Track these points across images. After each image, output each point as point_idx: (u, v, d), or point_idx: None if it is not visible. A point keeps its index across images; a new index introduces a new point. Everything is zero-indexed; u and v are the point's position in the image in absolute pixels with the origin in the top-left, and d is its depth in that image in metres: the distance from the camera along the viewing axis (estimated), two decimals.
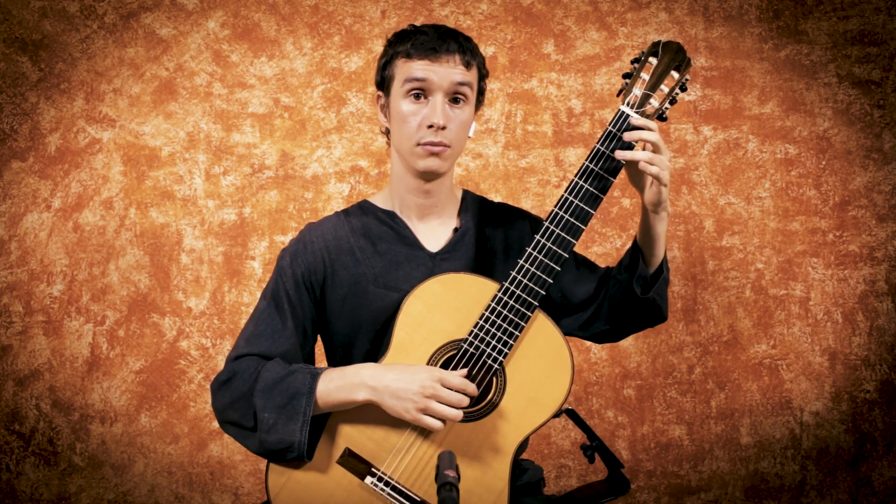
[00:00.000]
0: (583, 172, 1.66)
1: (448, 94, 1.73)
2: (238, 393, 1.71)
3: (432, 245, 1.82)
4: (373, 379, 1.64)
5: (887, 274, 2.79)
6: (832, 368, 2.80)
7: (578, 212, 1.66)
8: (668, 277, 1.80)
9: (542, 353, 1.68)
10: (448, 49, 1.73)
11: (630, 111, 1.65)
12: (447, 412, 1.61)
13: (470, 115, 1.78)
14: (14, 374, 2.82)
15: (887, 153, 2.79)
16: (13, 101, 2.83)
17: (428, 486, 1.66)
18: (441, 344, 1.68)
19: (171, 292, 2.84)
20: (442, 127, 1.72)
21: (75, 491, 2.82)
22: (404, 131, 1.75)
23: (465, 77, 1.74)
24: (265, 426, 1.67)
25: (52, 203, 2.84)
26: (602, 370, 2.83)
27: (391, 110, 1.79)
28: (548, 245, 1.66)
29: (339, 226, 1.84)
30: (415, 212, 1.83)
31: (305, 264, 1.80)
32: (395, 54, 1.77)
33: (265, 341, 1.76)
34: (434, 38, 1.73)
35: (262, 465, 2.83)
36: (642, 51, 1.68)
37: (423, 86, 1.73)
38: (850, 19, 2.80)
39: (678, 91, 1.67)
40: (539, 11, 2.85)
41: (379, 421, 1.68)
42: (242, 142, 2.85)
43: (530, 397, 1.67)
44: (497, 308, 1.65)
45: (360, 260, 1.80)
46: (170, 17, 2.85)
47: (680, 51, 1.67)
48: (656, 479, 2.82)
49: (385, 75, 1.79)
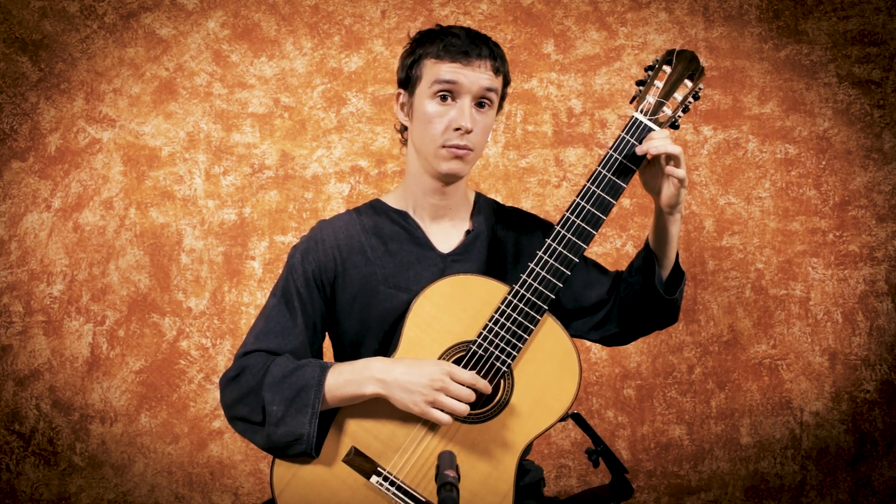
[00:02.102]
0: (595, 178, 1.67)
1: (475, 98, 1.74)
2: (247, 388, 1.71)
3: (444, 246, 1.82)
4: (382, 372, 1.65)
5: (887, 274, 2.79)
6: (832, 368, 2.80)
7: (590, 217, 1.67)
8: (685, 278, 1.81)
9: (550, 356, 1.68)
10: (480, 54, 1.73)
11: (643, 118, 1.66)
12: (455, 406, 1.61)
13: (493, 120, 1.79)
14: (14, 374, 2.82)
15: (887, 153, 2.80)
16: (13, 101, 2.83)
17: (434, 487, 1.66)
18: (450, 345, 1.69)
19: (171, 292, 2.84)
20: (469, 130, 1.72)
21: (75, 491, 2.82)
22: (429, 132, 1.74)
23: (493, 83, 1.74)
24: (273, 419, 1.67)
25: (52, 203, 2.84)
26: (602, 370, 2.83)
27: (415, 109, 1.78)
28: (559, 249, 1.67)
29: (351, 224, 1.84)
30: (428, 212, 1.83)
31: (316, 262, 1.80)
32: (424, 54, 1.76)
33: (275, 338, 1.77)
34: (466, 42, 1.73)
35: (262, 466, 2.83)
36: (656, 58, 1.69)
37: (452, 88, 1.72)
38: (850, 19, 2.80)
39: (691, 99, 1.68)
40: (539, 11, 2.85)
41: (386, 420, 1.68)
42: (242, 142, 2.85)
43: (537, 400, 1.68)
44: (506, 311, 1.66)
45: (371, 259, 1.80)
46: (170, 17, 2.85)
47: (694, 60, 1.68)
48: (656, 479, 2.82)
49: (411, 74, 1.78)
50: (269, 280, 2.83)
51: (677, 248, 1.77)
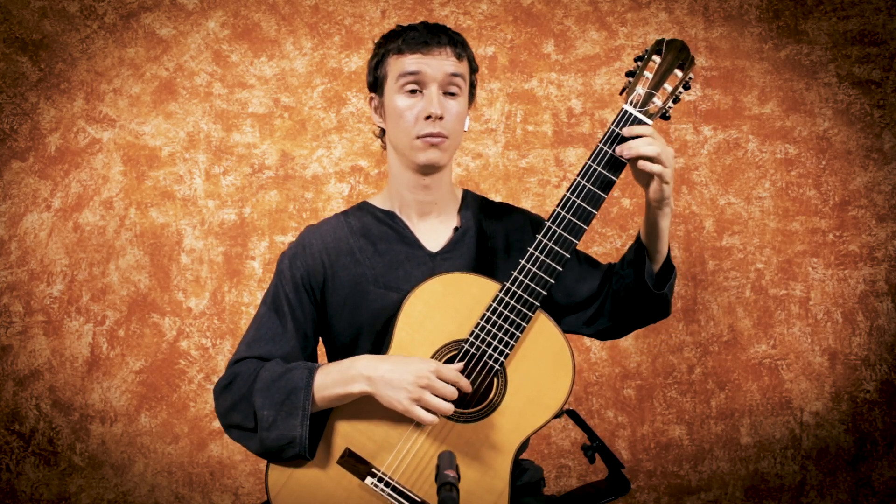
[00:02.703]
0: (585, 171, 1.66)
1: (442, 86, 1.74)
2: (238, 395, 1.71)
3: (432, 244, 1.82)
4: (368, 369, 1.64)
5: (887, 274, 2.79)
6: (832, 368, 2.80)
7: (581, 211, 1.65)
8: (675, 273, 1.81)
9: (543, 353, 1.67)
10: (439, 42, 1.74)
11: (633, 109, 1.64)
12: (440, 405, 1.60)
13: (464, 107, 1.79)
14: (14, 374, 2.82)
15: (887, 153, 2.79)
16: (13, 101, 2.83)
17: (428, 487, 1.66)
18: (442, 344, 1.68)
19: (171, 292, 2.84)
20: (439, 117, 1.73)
21: (75, 491, 2.82)
22: (401, 126, 1.75)
23: (457, 68, 1.75)
24: (265, 424, 1.67)
25: (52, 203, 2.84)
26: (602, 370, 2.83)
27: (386, 108, 1.79)
28: (550, 245, 1.65)
29: (339, 227, 1.84)
30: (414, 210, 1.83)
31: (305, 267, 1.80)
32: (386, 52, 1.78)
33: (265, 345, 1.77)
34: (424, 33, 1.75)
35: (261, 465, 2.83)
36: (646, 49, 1.68)
37: (417, 79, 1.74)
38: (850, 19, 2.80)
39: (682, 90, 1.66)
40: (539, 11, 2.85)
41: (379, 421, 1.68)
42: (242, 142, 2.85)
43: (531, 398, 1.67)
44: (498, 308, 1.65)
45: (359, 260, 1.80)
46: (170, 17, 2.85)
47: (683, 49, 1.66)
48: (656, 479, 2.82)
49: (377, 75, 1.80)
50: (269, 280, 2.82)
51: (668, 243, 1.76)
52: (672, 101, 1.66)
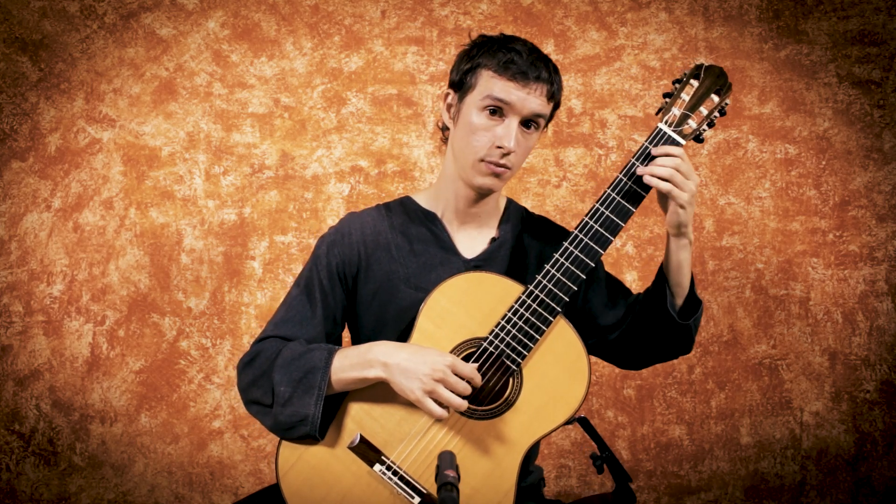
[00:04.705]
0: (615, 185, 1.68)
1: (522, 120, 1.73)
2: (260, 371, 1.73)
3: (468, 252, 1.83)
4: (385, 356, 1.66)
5: (887, 274, 2.79)
6: (832, 368, 2.80)
7: (608, 223, 1.68)
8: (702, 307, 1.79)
9: (560, 358, 1.69)
10: (538, 77, 1.72)
11: (667, 129, 1.67)
12: (452, 399, 1.61)
13: (535, 141, 1.79)
14: (14, 374, 2.82)
15: (887, 153, 2.80)
16: (13, 101, 2.83)
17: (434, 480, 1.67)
18: (461, 340, 1.69)
19: (171, 292, 2.84)
20: (511, 151, 1.72)
21: (75, 491, 2.82)
22: (471, 143, 1.74)
23: (544, 109, 1.74)
24: (281, 399, 1.69)
25: (52, 203, 2.84)
26: (602, 370, 2.83)
27: (461, 116, 1.77)
28: (575, 253, 1.67)
29: (380, 220, 1.85)
30: (457, 217, 1.84)
31: (341, 255, 1.81)
32: (482, 64, 1.74)
33: (293, 327, 1.79)
34: (527, 63, 1.71)
35: (262, 466, 2.83)
36: (685, 72, 1.71)
37: (502, 106, 1.72)
38: (850, 19, 2.81)
39: (717, 114, 1.69)
40: (539, 11, 2.85)
41: (393, 410, 1.69)
42: (242, 142, 2.85)
43: (545, 402, 1.68)
44: (520, 310, 1.67)
45: (395, 257, 1.81)
46: (170, 17, 2.85)
47: (722, 75, 1.69)
48: (656, 479, 2.82)
49: (465, 80, 1.77)
50: (268, 280, 2.83)
51: (691, 276, 1.75)
52: (707, 124, 1.69)
